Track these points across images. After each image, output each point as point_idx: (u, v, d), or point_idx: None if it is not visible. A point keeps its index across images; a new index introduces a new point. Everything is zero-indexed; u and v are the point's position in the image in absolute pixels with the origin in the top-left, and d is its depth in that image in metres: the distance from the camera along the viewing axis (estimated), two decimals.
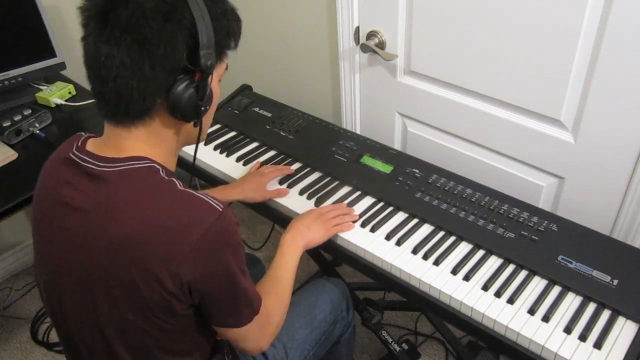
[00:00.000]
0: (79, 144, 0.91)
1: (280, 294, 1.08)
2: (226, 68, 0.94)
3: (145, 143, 0.87)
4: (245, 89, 1.80)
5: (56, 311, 0.95)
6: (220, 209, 0.83)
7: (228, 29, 0.87)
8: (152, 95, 0.81)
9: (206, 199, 0.84)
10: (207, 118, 0.93)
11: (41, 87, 1.85)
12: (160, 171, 0.86)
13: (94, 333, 0.89)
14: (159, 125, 0.87)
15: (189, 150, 1.54)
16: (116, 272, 0.83)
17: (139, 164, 0.85)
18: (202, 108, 0.87)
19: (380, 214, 1.28)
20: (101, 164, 0.85)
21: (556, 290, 1.07)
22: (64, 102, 1.78)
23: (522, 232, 1.18)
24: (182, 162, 1.57)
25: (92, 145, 0.90)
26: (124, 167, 0.84)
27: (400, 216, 1.28)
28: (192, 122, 0.89)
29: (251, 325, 0.93)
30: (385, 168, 1.40)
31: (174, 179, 0.86)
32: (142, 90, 0.80)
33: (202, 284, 0.83)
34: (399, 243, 1.20)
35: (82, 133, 0.95)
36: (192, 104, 0.84)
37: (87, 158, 0.87)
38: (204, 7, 0.81)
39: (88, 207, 0.84)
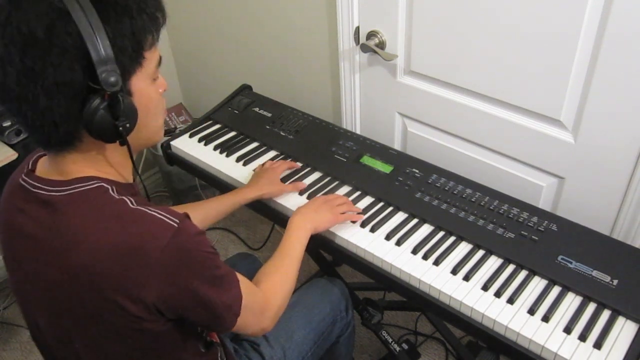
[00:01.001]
0: (30, 166, 0.86)
1: (284, 273, 1.07)
2: (159, 63, 0.82)
3: (85, 164, 0.81)
4: (245, 89, 1.80)
5: (36, 334, 0.94)
6: (176, 225, 0.78)
7: (134, 29, 0.74)
8: (63, 122, 0.74)
9: (159, 215, 0.78)
10: (147, 126, 0.84)
11: None
12: (110, 190, 0.81)
13: (73, 358, 0.88)
14: (90, 147, 0.80)
15: (189, 150, 1.56)
16: (78, 303, 0.80)
17: (86, 185, 0.80)
18: (121, 127, 0.76)
19: (380, 214, 1.28)
20: (50, 188, 0.80)
21: (556, 290, 1.07)
22: None
23: (522, 232, 1.18)
24: (183, 163, 1.58)
25: (41, 166, 0.86)
26: (72, 191, 0.79)
27: (400, 216, 1.28)
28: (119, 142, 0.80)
29: (241, 320, 0.89)
30: (385, 168, 1.40)
31: (124, 197, 0.80)
32: (50, 121, 0.73)
33: (170, 303, 0.80)
34: (398, 243, 1.20)
35: (39, 149, 0.89)
36: (108, 126, 0.75)
37: (35, 183, 0.82)
38: (94, 14, 0.69)
39: (41, 236, 0.80)
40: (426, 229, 1.24)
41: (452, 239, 1.20)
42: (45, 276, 0.82)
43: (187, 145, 1.58)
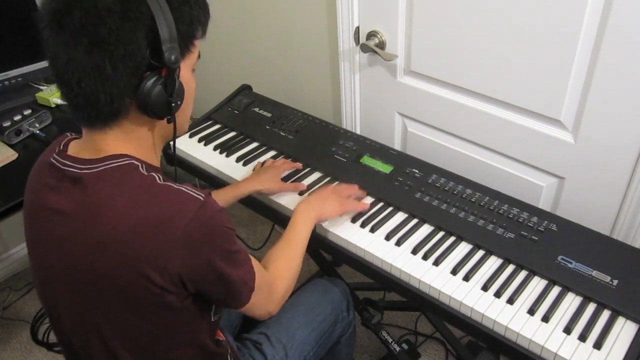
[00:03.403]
0: (61, 147, 0.90)
1: (289, 258, 1.10)
2: (198, 57, 0.91)
3: (122, 142, 0.86)
4: (245, 89, 1.80)
5: (53, 314, 0.95)
6: (202, 198, 0.82)
7: (192, 18, 0.84)
8: (120, 96, 0.80)
9: (186, 190, 0.83)
10: (183, 112, 0.91)
11: (41, 87, 1.85)
12: (140, 167, 0.85)
13: (91, 334, 0.89)
14: (133, 125, 0.86)
15: (189, 150, 1.56)
16: (104, 274, 0.82)
17: (118, 162, 0.84)
18: (173, 104, 0.85)
19: (380, 214, 1.28)
20: (81, 166, 0.85)
21: (556, 290, 1.07)
22: (64, 102, 1.78)
23: (522, 232, 1.18)
24: (183, 163, 1.58)
25: (73, 147, 0.90)
26: (103, 167, 0.84)
27: (400, 216, 1.28)
28: (165, 119, 0.87)
29: (253, 299, 0.93)
30: (385, 168, 1.40)
31: (153, 174, 0.85)
32: (108, 92, 0.79)
33: (192, 275, 0.83)
34: (398, 243, 1.20)
35: (68, 134, 0.94)
36: (161, 101, 0.82)
37: (67, 162, 0.86)
38: None
39: (72, 211, 0.84)
40: (426, 229, 1.24)
41: (452, 239, 1.20)
42: (74, 251, 0.84)
43: (187, 145, 1.58)
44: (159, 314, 0.86)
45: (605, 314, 1.02)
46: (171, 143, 1.57)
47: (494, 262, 1.14)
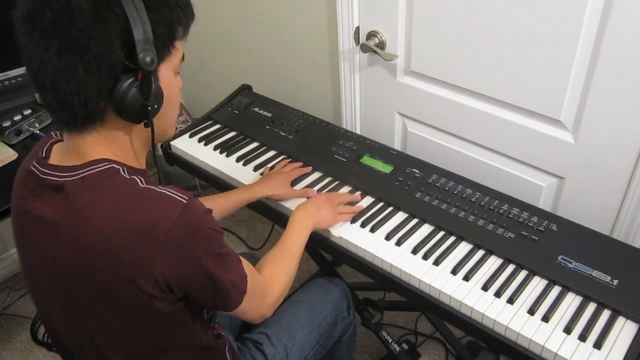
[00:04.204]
0: (43, 153, 0.88)
1: (285, 262, 1.09)
2: (182, 59, 0.87)
3: (102, 146, 0.84)
4: (245, 89, 1.80)
5: (46, 321, 0.95)
6: (185, 201, 0.80)
7: (171, 18, 0.80)
8: (94, 98, 0.77)
9: (169, 193, 0.81)
10: (166, 115, 0.88)
11: None
12: (121, 170, 0.83)
13: (84, 341, 0.89)
14: (112, 128, 0.83)
15: (189, 150, 1.56)
16: (91, 282, 0.81)
17: (98, 167, 0.82)
18: (150, 108, 0.81)
19: (380, 214, 1.28)
20: (62, 174, 0.83)
21: (556, 290, 1.07)
22: None
23: (522, 232, 1.18)
24: (183, 163, 1.58)
25: (55, 152, 0.88)
26: (84, 174, 0.82)
27: (400, 216, 1.28)
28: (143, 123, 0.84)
29: (245, 302, 0.91)
30: (385, 168, 1.40)
31: (135, 177, 0.83)
32: (82, 95, 0.76)
33: (179, 279, 0.81)
34: (399, 243, 1.20)
35: (52, 134, 0.93)
36: (137, 105, 0.79)
37: (47, 171, 0.84)
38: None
39: (56, 220, 0.82)
40: (426, 229, 1.24)
41: (452, 239, 1.20)
42: (60, 259, 0.83)
43: (187, 145, 1.58)
44: (149, 320, 0.85)
45: (606, 314, 1.02)
46: (171, 143, 1.57)
47: (494, 262, 1.14)
